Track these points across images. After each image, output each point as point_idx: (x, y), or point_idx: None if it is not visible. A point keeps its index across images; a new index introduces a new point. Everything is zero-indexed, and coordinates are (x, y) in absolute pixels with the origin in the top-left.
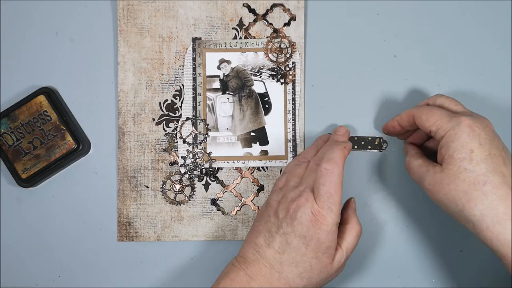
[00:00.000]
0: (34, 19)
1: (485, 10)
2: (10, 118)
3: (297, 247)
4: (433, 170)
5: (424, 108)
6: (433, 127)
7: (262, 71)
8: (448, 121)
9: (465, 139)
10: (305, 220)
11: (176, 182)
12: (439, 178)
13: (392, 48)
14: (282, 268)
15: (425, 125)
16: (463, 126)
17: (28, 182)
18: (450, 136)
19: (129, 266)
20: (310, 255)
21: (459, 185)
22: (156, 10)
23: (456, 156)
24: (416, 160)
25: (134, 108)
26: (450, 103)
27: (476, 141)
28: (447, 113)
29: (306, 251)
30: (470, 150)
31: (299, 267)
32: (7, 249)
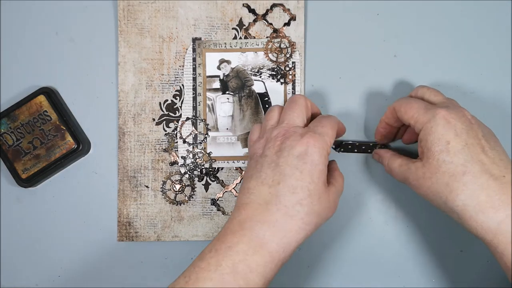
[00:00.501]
0: (34, 19)
1: (485, 10)
2: (10, 118)
3: (292, 174)
4: (414, 166)
5: (403, 100)
6: (411, 120)
7: (262, 71)
8: (424, 114)
9: (441, 131)
10: (296, 144)
11: (176, 182)
12: (421, 173)
13: (392, 48)
14: (279, 200)
15: (404, 117)
16: (438, 118)
17: (28, 182)
18: (427, 129)
19: (129, 266)
20: (307, 180)
21: (440, 178)
22: (156, 10)
23: (433, 149)
24: (394, 161)
25: (134, 108)
26: (430, 93)
27: (452, 132)
28: (424, 105)
29: (302, 175)
30: (446, 142)
31: (297, 193)
32: (7, 249)
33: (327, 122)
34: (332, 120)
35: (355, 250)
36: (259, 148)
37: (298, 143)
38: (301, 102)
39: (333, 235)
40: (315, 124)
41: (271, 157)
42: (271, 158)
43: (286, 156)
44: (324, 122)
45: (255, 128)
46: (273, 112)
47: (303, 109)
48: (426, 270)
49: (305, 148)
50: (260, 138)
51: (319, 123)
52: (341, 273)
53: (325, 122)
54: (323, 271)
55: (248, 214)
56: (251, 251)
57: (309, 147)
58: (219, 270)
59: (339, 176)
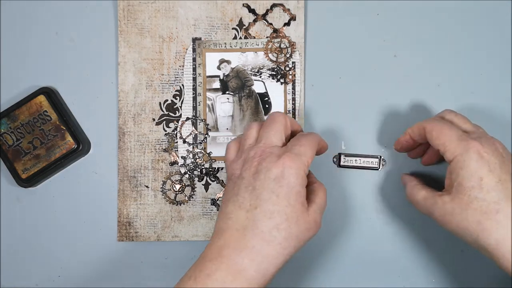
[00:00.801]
0: (34, 19)
1: (485, 10)
2: (10, 118)
3: (268, 198)
4: (441, 201)
5: (436, 123)
6: (442, 147)
7: (262, 71)
8: (457, 145)
9: (474, 167)
10: (272, 166)
11: (176, 182)
12: (450, 209)
13: (392, 48)
14: (256, 225)
15: (435, 142)
16: (472, 153)
17: (28, 182)
18: (459, 162)
19: (129, 266)
20: (283, 204)
21: (471, 215)
22: (156, 10)
23: (465, 184)
24: (419, 192)
25: (134, 108)
26: (459, 121)
27: (486, 168)
28: (458, 134)
29: (278, 199)
30: (479, 178)
31: (274, 218)
32: (7, 249)
33: (306, 141)
34: (311, 138)
35: (355, 250)
36: (236, 168)
37: (274, 165)
38: (279, 119)
39: (333, 235)
40: (294, 143)
41: (248, 179)
42: (248, 181)
43: (262, 179)
44: (303, 141)
45: (232, 146)
46: (251, 130)
47: (282, 128)
48: (426, 270)
49: (281, 170)
50: (238, 157)
51: (297, 142)
52: (341, 273)
53: (304, 141)
54: (323, 271)
55: (226, 241)
56: (229, 278)
57: (285, 168)
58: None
59: (319, 188)
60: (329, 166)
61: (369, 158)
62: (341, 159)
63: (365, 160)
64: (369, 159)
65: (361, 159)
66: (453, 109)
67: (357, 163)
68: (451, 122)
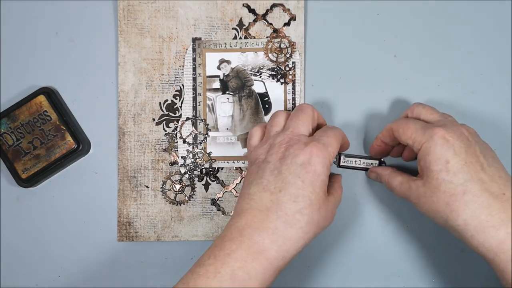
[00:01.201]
0: (34, 19)
1: (485, 10)
2: (10, 118)
3: (294, 182)
4: (415, 185)
5: (400, 121)
6: (409, 140)
7: (262, 71)
8: (422, 134)
9: (440, 151)
10: (299, 153)
11: (176, 182)
12: (421, 192)
13: (392, 48)
14: (280, 207)
15: (402, 138)
16: (436, 138)
17: (28, 182)
18: (426, 149)
19: (129, 266)
20: (308, 189)
21: (440, 197)
22: (156, 10)
23: (433, 168)
24: (394, 179)
25: (134, 108)
26: (426, 112)
27: (451, 151)
28: (422, 125)
29: (304, 184)
30: (445, 161)
31: (299, 202)
32: (7, 249)
33: (332, 133)
34: (337, 132)
35: (355, 250)
36: (261, 153)
37: (302, 152)
38: (308, 111)
39: (333, 235)
40: (321, 134)
41: (274, 163)
42: (274, 165)
43: (289, 164)
44: (329, 133)
45: (255, 133)
46: (279, 118)
47: (310, 119)
48: (426, 270)
49: (309, 157)
50: (263, 143)
51: (324, 133)
52: (341, 273)
53: (331, 133)
54: (323, 271)
55: (248, 221)
56: (250, 258)
57: (312, 156)
58: (218, 277)
59: (339, 188)
60: None
61: (369, 160)
62: (341, 160)
63: (366, 161)
64: (370, 161)
65: (361, 160)
66: (453, 109)
67: (357, 164)
68: (418, 115)
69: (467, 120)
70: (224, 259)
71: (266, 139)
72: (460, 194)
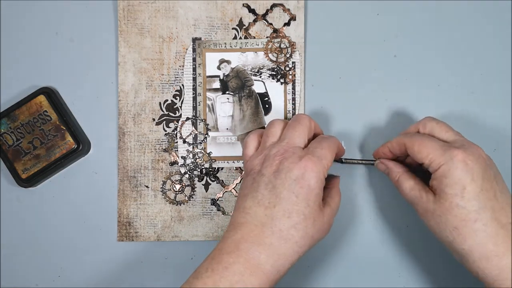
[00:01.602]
0: (34, 19)
1: (485, 10)
2: (10, 118)
3: (288, 197)
4: (426, 198)
5: (416, 138)
6: (426, 160)
7: (262, 71)
8: (441, 155)
9: (458, 175)
10: (293, 167)
11: (176, 182)
12: (431, 208)
13: (392, 48)
14: (274, 223)
15: (417, 156)
16: (456, 161)
17: (28, 182)
18: (444, 171)
19: (129, 266)
20: (302, 204)
21: (450, 220)
22: (156, 10)
23: (448, 191)
24: (406, 180)
25: (134, 108)
26: (440, 129)
27: (469, 176)
28: (439, 145)
29: (298, 200)
30: (462, 187)
31: (293, 218)
32: (7, 249)
33: (327, 145)
34: (332, 142)
35: (355, 250)
36: (256, 164)
37: (296, 166)
38: (305, 122)
39: (333, 235)
40: (315, 145)
41: (268, 177)
42: (268, 178)
43: (283, 178)
44: (324, 144)
45: (250, 142)
46: (275, 127)
47: (306, 130)
48: (426, 270)
49: (303, 172)
50: (258, 153)
51: (319, 145)
52: (341, 273)
53: (325, 145)
54: (323, 271)
55: (244, 235)
56: (247, 272)
57: (306, 171)
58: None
59: (337, 194)
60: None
61: (370, 162)
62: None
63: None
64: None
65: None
66: (453, 109)
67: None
68: (431, 131)
69: (467, 120)
70: (222, 272)
71: (262, 149)
72: (471, 221)
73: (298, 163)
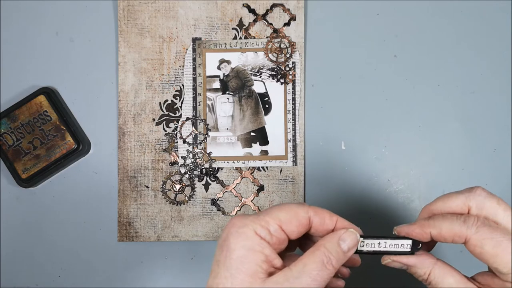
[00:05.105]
0: (34, 19)
1: (485, 10)
2: (10, 118)
3: (212, 270)
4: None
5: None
6: (502, 266)
7: (262, 71)
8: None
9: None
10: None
11: (176, 182)
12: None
13: (392, 48)
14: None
15: (491, 260)
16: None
17: (28, 182)
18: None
19: (129, 266)
20: (223, 274)
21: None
22: (156, 10)
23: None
24: (444, 277)
25: (135, 108)
26: (498, 208)
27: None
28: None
29: (218, 269)
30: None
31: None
32: (7, 249)
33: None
34: (287, 205)
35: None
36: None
37: (223, 230)
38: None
39: None
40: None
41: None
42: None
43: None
44: (275, 206)
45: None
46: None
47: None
48: None
49: (226, 232)
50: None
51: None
52: None
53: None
54: None
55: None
56: None
57: (229, 228)
58: None
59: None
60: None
61: (398, 240)
62: (359, 244)
63: (393, 242)
64: (399, 241)
65: (386, 242)
66: (452, 109)
67: (381, 247)
68: (482, 209)
69: (467, 120)
70: None
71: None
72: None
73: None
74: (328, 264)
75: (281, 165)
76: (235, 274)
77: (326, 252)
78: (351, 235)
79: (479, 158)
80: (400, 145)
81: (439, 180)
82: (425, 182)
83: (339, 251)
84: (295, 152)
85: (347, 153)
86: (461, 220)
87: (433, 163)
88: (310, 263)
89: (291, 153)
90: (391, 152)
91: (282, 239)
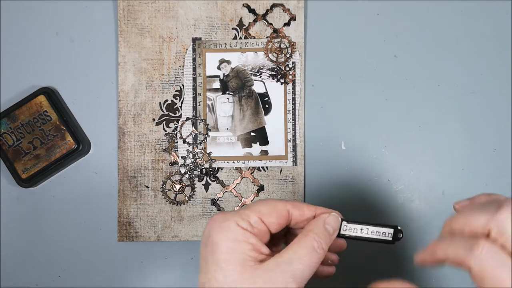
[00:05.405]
0: (34, 19)
1: (485, 10)
2: (10, 118)
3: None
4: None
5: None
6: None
7: (262, 71)
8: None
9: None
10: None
11: (176, 182)
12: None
13: (392, 48)
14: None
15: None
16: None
17: (28, 182)
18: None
19: (129, 266)
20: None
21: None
22: (156, 10)
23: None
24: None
25: (135, 108)
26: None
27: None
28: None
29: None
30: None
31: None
32: (7, 249)
33: (258, 201)
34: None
35: (355, 250)
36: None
37: (205, 228)
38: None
39: None
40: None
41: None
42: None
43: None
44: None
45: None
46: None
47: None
48: (426, 270)
49: (209, 228)
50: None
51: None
52: (341, 274)
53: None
54: None
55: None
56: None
57: (210, 225)
58: None
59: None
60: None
61: (380, 228)
62: (341, 227)
63: (375, 229)
64: (382, 229)
65: (368, 228)
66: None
67: (363, 233)
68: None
69: (467, 120)
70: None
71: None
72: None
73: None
74: (319, 248)
75: (281, 165)
76: (224, 266)
77: (316, 237)
78: (334, 218)
79: (479, 158)
80: (400, 145)
81: (439, 180)
82: (425, 182)
83: (326, 234)
84: (295, 152)
85: (347, 153)
86: (468, 248)
87: (433, 163)
88: (300, 248)
89: (291, 153)
90: (391, 152)
91: (263, 231)
